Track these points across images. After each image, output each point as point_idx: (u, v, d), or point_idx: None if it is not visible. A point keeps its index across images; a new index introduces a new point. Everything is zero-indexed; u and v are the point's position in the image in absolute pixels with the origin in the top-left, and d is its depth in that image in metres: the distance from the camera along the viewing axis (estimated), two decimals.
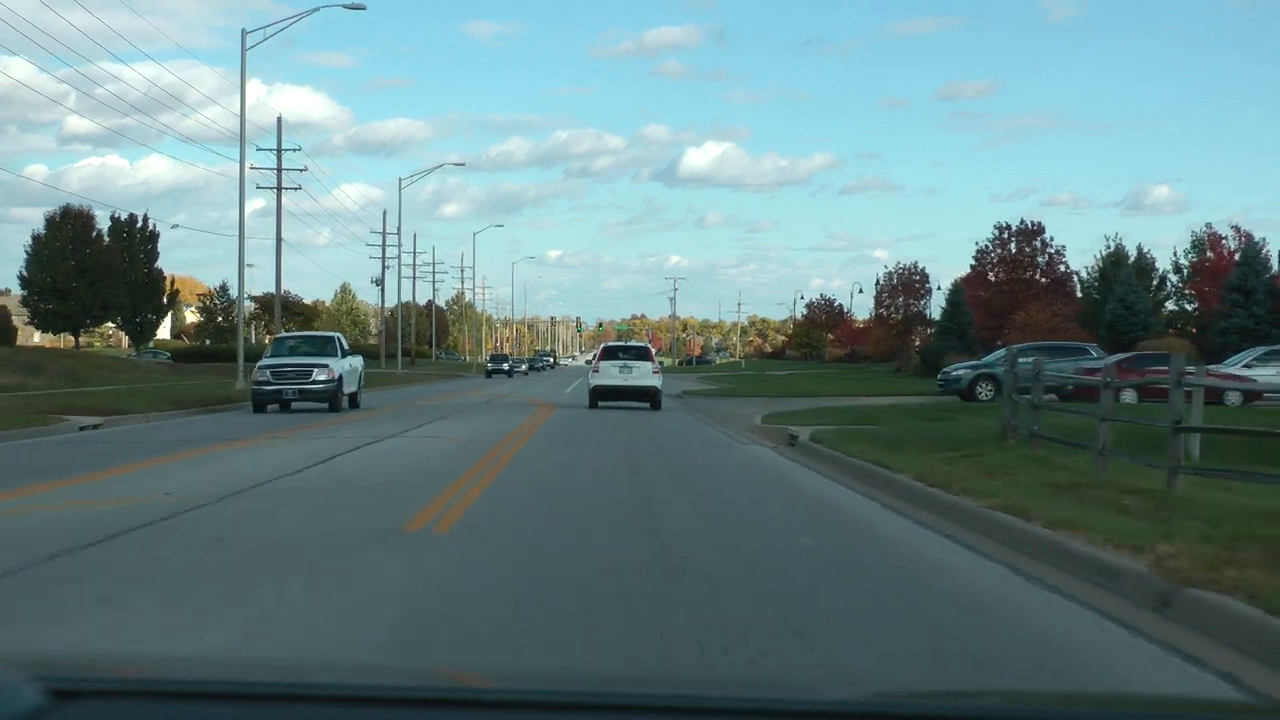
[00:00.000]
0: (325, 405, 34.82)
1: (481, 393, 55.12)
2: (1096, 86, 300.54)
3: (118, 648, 6.67)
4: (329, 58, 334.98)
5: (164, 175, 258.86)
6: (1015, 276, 72.94)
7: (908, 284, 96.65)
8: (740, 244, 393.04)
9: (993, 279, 75.12)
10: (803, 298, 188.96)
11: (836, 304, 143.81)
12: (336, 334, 37.37)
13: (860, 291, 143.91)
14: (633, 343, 44.97)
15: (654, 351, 40.92)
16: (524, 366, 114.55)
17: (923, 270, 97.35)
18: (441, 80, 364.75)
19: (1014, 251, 74.94)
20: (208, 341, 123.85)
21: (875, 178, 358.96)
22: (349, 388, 36.22)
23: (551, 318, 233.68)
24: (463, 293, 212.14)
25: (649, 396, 37.60)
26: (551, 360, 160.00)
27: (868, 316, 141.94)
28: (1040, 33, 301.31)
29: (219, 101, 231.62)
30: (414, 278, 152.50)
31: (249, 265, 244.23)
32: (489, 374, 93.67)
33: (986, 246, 76.38)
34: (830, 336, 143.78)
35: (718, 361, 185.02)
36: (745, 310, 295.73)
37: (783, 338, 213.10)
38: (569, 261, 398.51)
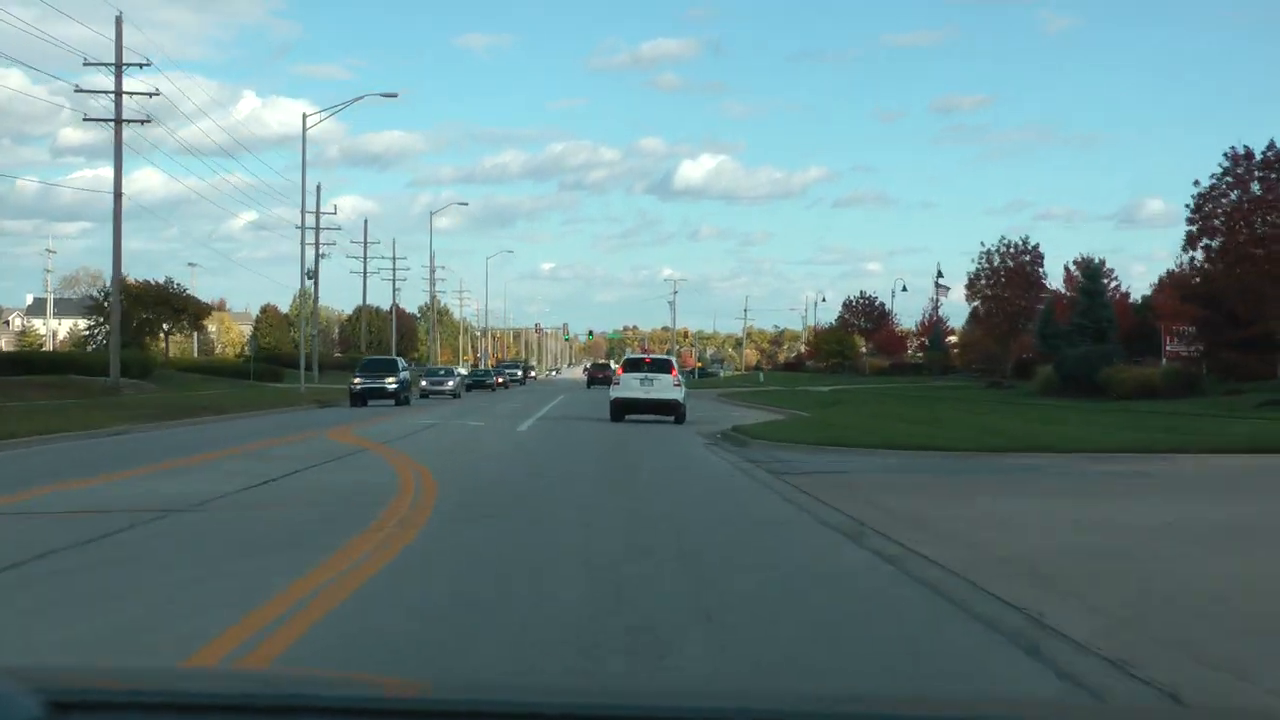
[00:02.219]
0: None
1: (322, 443, 28.86)
2: (1092, 99, 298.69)
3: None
4: (323, 70, 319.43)
5: (157, 187, 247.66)
6: (1272, 231, 44.86)
7: (1015, 270, 70.41)
8: (733, 257, 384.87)
9: (1210, 244, 47.39)
10: (824, 299, 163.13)
11: (878, 303, 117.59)
12: None
13: (904, 290, 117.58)
14: (654, 355, 44.68)
15: (676, 364, 38.89)
16: (450, 384, 62.40)
17: (1035, 248, 71.18)
18: (436, 93, 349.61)
19: (1257, 193, 46.79)
20: (90, 346, 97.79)
21: (870, 191, 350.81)
22: None
23: (537, 324, 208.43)
24: (435, 297, 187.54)
25: (672, 410, 36.03)
26: (521, 373, 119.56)
27: (923, 320, 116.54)
28: (1037, 45, 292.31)
29: (214, 114, 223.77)
30: (364, 271, 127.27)
31: (191, 265, 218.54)
32: (356, 398, 49.25)
33: (1216, 183, 47.95)
34: (867, 343, 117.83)
35: (724, 374, 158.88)
36: (742, 321, 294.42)
37: (802, 347, 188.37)
38: (562, 274, 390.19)
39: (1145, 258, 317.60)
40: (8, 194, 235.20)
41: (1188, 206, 47.79)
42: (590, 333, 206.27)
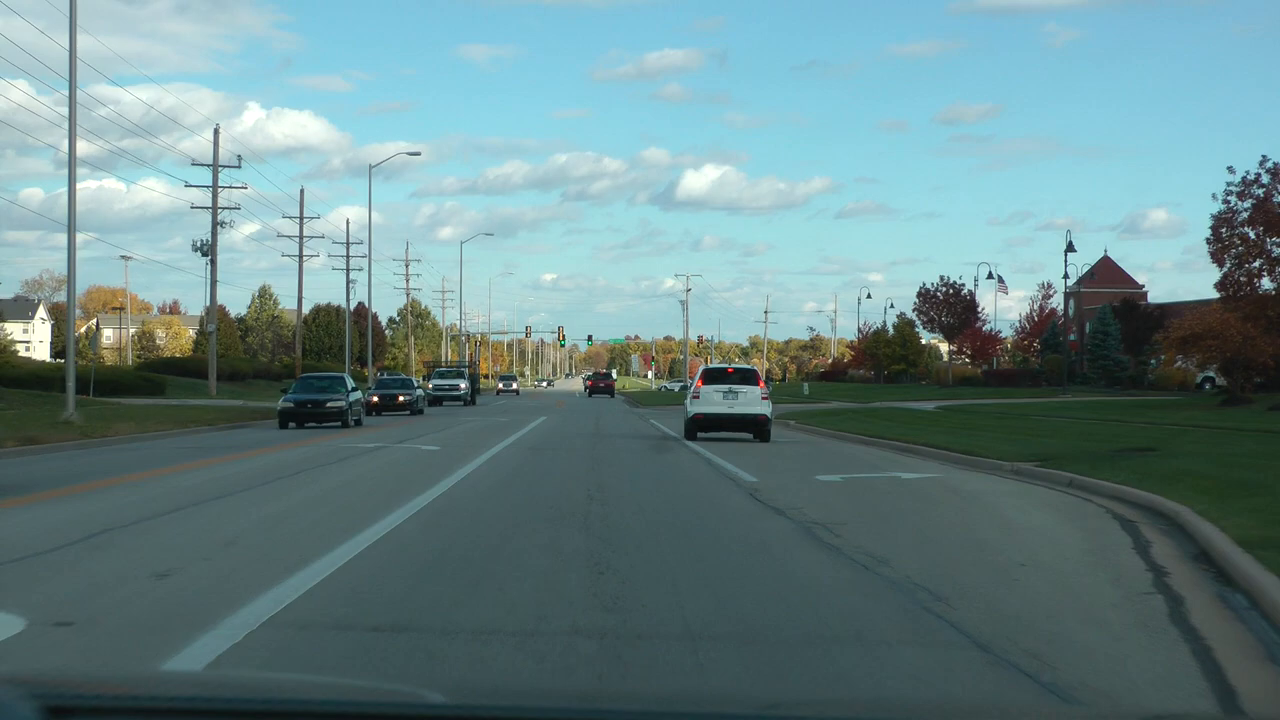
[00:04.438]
0: None
1: None
2: (1096, 110, 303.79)
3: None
4: (327, 81, 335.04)
5: (160, 199, 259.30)
6: None
7: None
8: (735, 267, 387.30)
9: None
10: (869, 296, 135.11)
11: (965, 292, 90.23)
12: None
13: (990, 277, 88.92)
14: (738, 364, 40.53)
15: (763, 375, 36.44)
16: None
17: None
18: (439, 104, 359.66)
19: None
20: None
21: (873, 202, 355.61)
22: None
23: (528, 327, 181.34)
24: (410, 297, 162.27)
25: (757, 427, 31.96)
26: (466, 385, 72.06)
27: (1030, 314, 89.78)
28: (1042, 57, 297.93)
29: (218, 124, 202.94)
30: (300, 255, 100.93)
31: (124, 258, 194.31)
32: None
33: None
34: (950, 345, 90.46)
35: None
36: (743, 331, 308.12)
37: (839, 351, 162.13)
38: (564, 285, 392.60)
39: (1148, 268, 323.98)
40: (12, 205, 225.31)
41: None
42: (590, 338, 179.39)
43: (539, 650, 6.91)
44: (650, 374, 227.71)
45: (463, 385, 71.28)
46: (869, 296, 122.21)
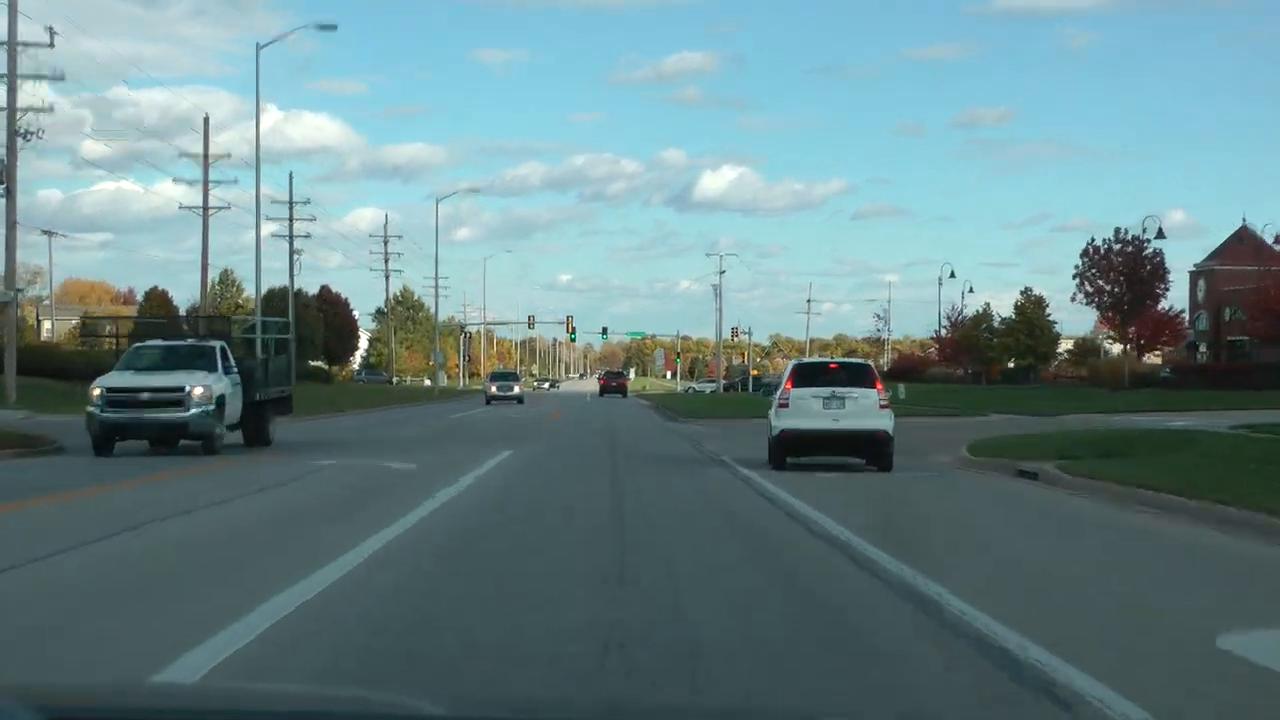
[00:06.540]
0: None
1: None
2: (1113, 113, 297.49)
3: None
4: (343, 85, 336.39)
5: (174, 201, 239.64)
6: None
7: None
8: (750, 269, 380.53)
9: None
10: (952, 275, 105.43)
11: (1150, 251, 63.21)
12: None
13: (1160, 235, 62.43)
14: (844, 359, 31.56)
15: (877, 372, 25.16)
16: None
17: None
18: (456, 107, 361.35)
19: None
20: None
21: (888, 204, 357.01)
22: None
23: (529, 317, 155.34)
24: (389, 280, 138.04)
25: (875, 448, 22.74)
26: (188, 393, 25.41)
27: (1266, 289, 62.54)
28: (1060, 60, 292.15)
29: (231, 127, 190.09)
30: (204, 207, 75.15)
31: (47, 233, 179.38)
32: None
33: None
34: (1123, 334, 63.66)
35: None
36: (762, 331, 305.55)
37: (929, 348, 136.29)
38: (579, 286, 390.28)
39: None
40: (30, 206, 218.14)
41: None
42: (604, 331, 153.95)
43: None
44: (669, 374, 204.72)
45: (197, 391, 25.98)
46: (952, 275, 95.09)
